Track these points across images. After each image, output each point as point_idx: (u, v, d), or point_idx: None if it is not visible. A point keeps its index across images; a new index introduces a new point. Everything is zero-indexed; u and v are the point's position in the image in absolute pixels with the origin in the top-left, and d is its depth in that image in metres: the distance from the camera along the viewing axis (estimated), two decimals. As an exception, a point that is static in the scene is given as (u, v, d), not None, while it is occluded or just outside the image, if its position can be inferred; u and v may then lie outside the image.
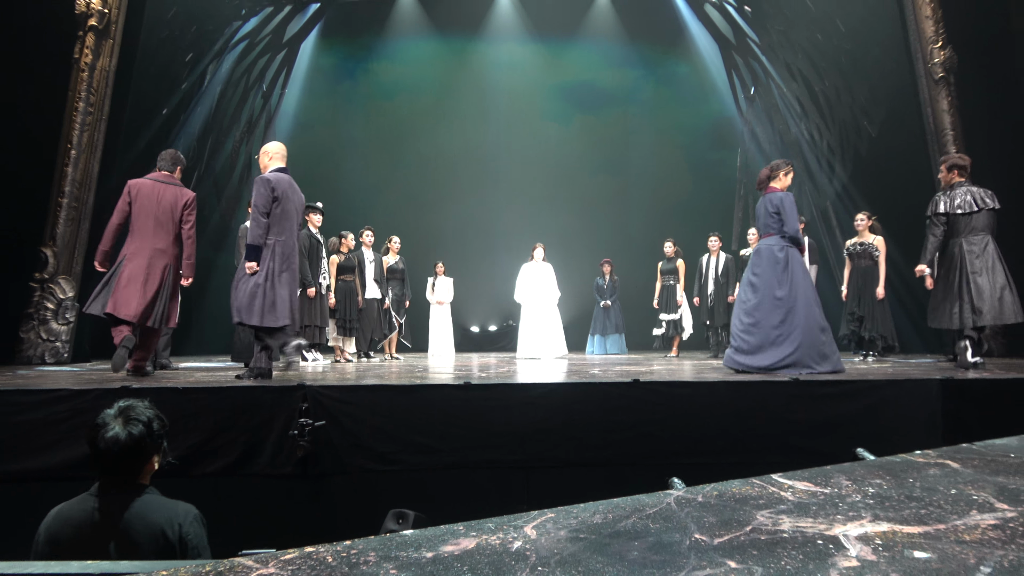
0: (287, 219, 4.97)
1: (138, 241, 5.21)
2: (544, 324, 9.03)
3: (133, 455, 2.13)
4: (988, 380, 4.40)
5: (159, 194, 5.33)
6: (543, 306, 9.13)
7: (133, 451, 2.13)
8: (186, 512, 2.12)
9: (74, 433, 3.77)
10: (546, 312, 9.12)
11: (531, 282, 9.18)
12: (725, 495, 1.40)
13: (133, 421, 2.16)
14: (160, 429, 2.23)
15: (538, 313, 9.08)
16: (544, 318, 9.06)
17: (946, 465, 1.68)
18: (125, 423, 2.15)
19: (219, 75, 11.40)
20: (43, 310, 7.95)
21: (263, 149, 5.39)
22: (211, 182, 11.45)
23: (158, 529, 2.05)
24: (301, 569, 0.99)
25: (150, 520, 2.06)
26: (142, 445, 2.14)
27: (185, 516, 2.11)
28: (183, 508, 2.14)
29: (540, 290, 9.16)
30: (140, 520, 2.05)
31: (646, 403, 4.10)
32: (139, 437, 2.14)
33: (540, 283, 9.19)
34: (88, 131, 8.25)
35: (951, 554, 1.02)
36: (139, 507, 2.08)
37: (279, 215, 4.93)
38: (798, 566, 0.97)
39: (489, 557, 1.03)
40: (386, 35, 13.60)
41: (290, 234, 4.97)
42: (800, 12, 11.24)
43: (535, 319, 9.06)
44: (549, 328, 9.07)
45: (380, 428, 3.96)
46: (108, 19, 8.32)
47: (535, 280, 9.19)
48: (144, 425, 2.16)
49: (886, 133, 10.35)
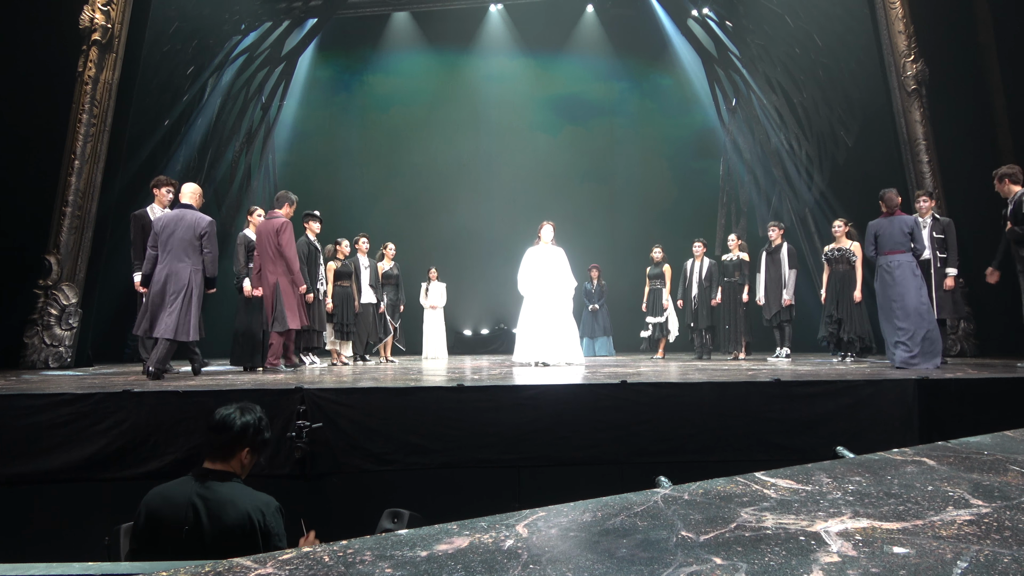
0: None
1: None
2: (555, 321, 7.32)
3: (238, 438, 2.47)
4: (962, 380, 4.51)
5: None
6: (555, 298, 7.40)
7: (240, 434, 2.48)
8: (268, 503, 2.37)
9: (77, 436, 3.78)
10: (558, 306, 7.39)
11: (539, 269, 7.48)
12: (710, 493, 1.41)
13: (248, 411, 2.55)
14: (263, 429, 2.58)
15: (548, 307, 7.34)
16: (555, 313, 7.35)
17: (923, 462, 1.71)
18: (242, 412, 2.53)
19: (219, 88, 11.59)
20: (47, 316, 8.06)
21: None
22: (211, 191, 11.60)
23: (245, 514, 2.29)
24: (299, 569, 1.00)
25: (240, 505, 2.30)
26: (246, 431, 2.50)
27: (267, 506, 2.36)
28: (266, 499, 2.39)
29: (550, 279, 7.42)
30: (231, 504, 2.30)
31: (634, 404, 4.14)
32: (246, 423, 2.50)
33: (550, 270, 7.46)
34: (91, 142, 8.39)
35: (929, 549, 1.03)
36: (230, 492, 2.34)
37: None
38: (781, 562, 0.99)
39: (482, 555, 1.04)
40: (381, 49, 13.87)
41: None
42: (779, 27, 11.51)
43: (543, 315, 7.33)
44: (561, 326, 7.34)
45: (376, 429, 3.99)
46: (111, 34, 8.49)
47: (544, 266, 7.48)
48: (255, 419, 2.55)
49: (862, 143, 10.60)
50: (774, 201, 12.59)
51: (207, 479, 2.36)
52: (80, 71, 8.39)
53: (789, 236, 9.34)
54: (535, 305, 7.38)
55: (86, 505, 3.83)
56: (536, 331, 7.27)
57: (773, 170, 12.50)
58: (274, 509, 2.37)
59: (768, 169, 12.66)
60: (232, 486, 2.36)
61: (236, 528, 2.26)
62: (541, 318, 7.30)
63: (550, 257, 7.50)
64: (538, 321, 7.30)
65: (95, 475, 3.78)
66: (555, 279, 7.41)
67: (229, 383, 4.80)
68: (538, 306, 7.35)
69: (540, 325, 7.27)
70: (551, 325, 7.25)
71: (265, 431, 2.58)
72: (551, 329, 7.23)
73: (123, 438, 3.83)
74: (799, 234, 11.70)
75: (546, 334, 7.22)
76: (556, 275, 7.43)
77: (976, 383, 4.48)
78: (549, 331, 7.23)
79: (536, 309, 7.36)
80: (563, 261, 7.52)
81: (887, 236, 5.89)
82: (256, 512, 2.30)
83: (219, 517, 2.26)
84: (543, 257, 7.50)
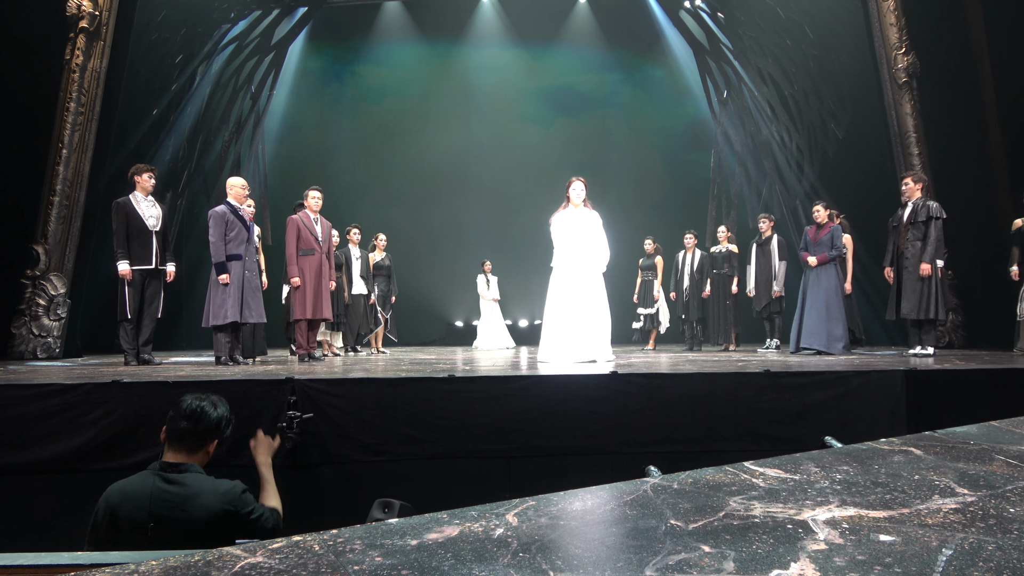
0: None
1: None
2: (585, 306, 5.81)
3: (212, 431, 2.42)
4: (949, 371, 4.57)
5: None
6: (587, 277, 5.90)
7: (214, 427, 2.42)
8: (231, 489, 2.33)
9: (66, 427, 3.76)
10: (590, 287, 5.90)
11: (569, 238, 5.96)
12: (699, 482, 1.42)
13: (219, 403, 2.49)
14: (228, 421, 2.52)
15: (578, 288, 5.85)
16: (586, 297, 5.85)
17: (910, 452, 1.72)
18: (214, 405, 2.46)
19: (208, 76, 11.51)
20: (35, 306, 8.03)
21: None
22: (201, 181, 11.58)
23: (213, 506, 2.25)
24: (289, 557, 0.99)
25: (205, 497, 2.26)
26: (220, 424, 2.45)
27: (232, 491, 2.32)
28: (229, 485, 2.34)
29: (581, 250, 5.90)
30: (196, 498, 2.25)
31: (624, 394, 4.15)
32: (221, 416, 2.46)
33: (582, 239, 5.93)
34: (79, 131, 8.34)
35: (915, 537, 1.04)
36: (193, 485, 2.28)
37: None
38: (769, 550, 0.99)
39: (472, 544, 1.04)
40: (372, 39, 13.78)
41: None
42: (771, 19, 11.56)
43: (572, 298, 5.82)
44: (592, 313, 5.83)
45: (366, 420, 3.99)
46: (99, 21, 8.42)
47: (574, 235, 5.95)
48: (227, 411, 2.50)
49: (852, 135, 10.69)
50: (764, 193, 12.64)
51: (168, 472, 2.29)
52: (67, 59, 8.32)
53: (779, 228, 9.39)
54: (564, 286, 5.91)
55: (76, 496, 3.73)
56: (565, 321, 5.80)
57: (764, 162, 12.56)
58: (239, 492, 2.34)
59: (759, 161, 12.71)
60: (195, 478, 2.30)
61: (203, 521, 2.22)
62: (570, 303, 5.84)
63: (583, 223, 5.98)
64: (566, 307, 5.84)
65: (85, 466, 3.75)
66: (586, 251, 5.91)
67: (219, 374, 4.77)
68: (567, 287, 5.89)
69: (569, 313, 5.81)
70: (581, 312, 5.79)
71: (229, 423, 2.54)
72: (582, 317, 5.78)
73: (112, 428, 3.80)
74: (789, 226, 11.76)
75: (577, 324, 5.76)
76: (588, 246, 5.92)
77: (964, 374, 4.52)
78: (580, 320, 5.77)
79: (565, 291, 5.89)
80: (598, 228, 6.02)
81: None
82: (225, 503, 2.28)
83: (186, 512, 2.21)
84: (574, 223, 5.97)
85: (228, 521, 2.26)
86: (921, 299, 6.46)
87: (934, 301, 6.42)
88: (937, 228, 6.44)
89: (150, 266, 6.00)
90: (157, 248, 6.05)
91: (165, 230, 6.21)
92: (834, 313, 7.00)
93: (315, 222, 6.84)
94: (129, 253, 5.91)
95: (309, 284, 6.68)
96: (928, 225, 6.45)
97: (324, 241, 6.87)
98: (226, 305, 5.95)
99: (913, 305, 6.49)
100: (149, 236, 6.01)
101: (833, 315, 6.99)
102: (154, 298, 6.09)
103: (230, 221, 6.08)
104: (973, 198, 8.74)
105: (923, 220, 6.48)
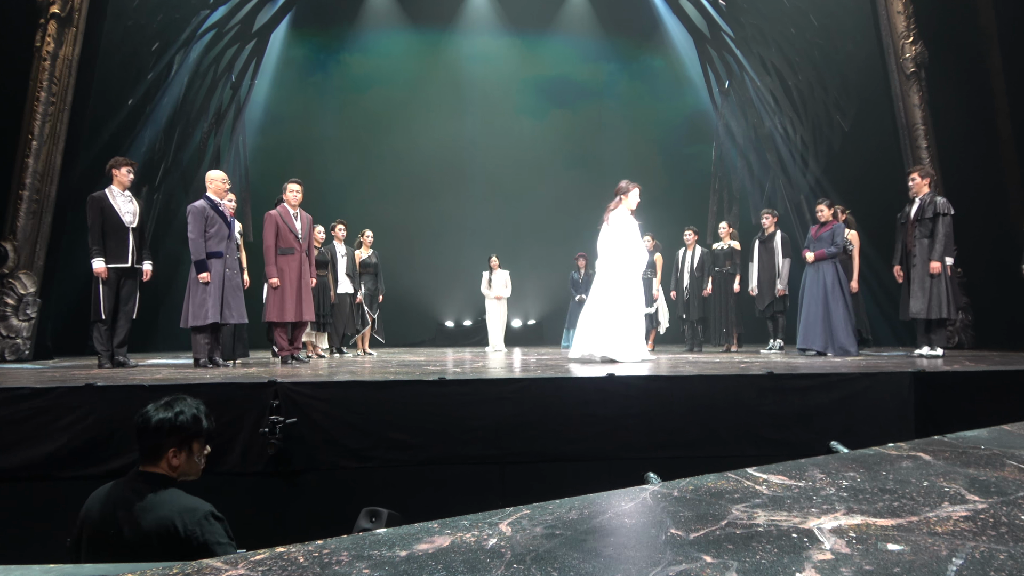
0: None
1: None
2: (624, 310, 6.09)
3: (155, 436, 2.29)
4: (959, 372, 4.46)
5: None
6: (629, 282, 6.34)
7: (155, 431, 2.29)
8: (192, 509, 2.19)
9: (36, 433, 3.67)
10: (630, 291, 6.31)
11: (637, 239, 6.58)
12: (700, 489, 1.40)
13: (172, 405, 2.36)
14: (188, 424, 2.34)
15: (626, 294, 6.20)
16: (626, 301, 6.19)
17: (918, 457, 1.70)
18: (166, 408, 2.34)
19: (186, 65, 11.22)
20: (3, 306, 7.82)
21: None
22: (179, 175, 11.30)
23: (164, 520, 2.15)
24: (272, 570, 0.98)
25: (160, 511, 2.17)
26: (161, 429, 2.29)
27: (192, 512, 2.18)
28: (193, 504, 2.22)
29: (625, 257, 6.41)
30: (151, 510, 2.17)
31: (622, 397, 4.08)
32: (162, 420, 2.30)
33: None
34: (50, 122, 8.13)
35: (924, 546, 1.03)
36: (155, 498, 2.20)
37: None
38: (773, 560, 0.98)
39: (464, 555, 1.02)
40: (358, 27, 13.53)
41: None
42: (774, 7, 11.38)
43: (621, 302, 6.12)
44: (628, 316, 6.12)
45: (353, 424, 3.91)
46: (71, 6, 8.19)
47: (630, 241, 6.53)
48: (174, 413, 2.33)
49: (858, 127, 10.51)
50: (767, 187, 12.51)
51: (136, 482, 2.25)
52: (38, 46, 8.08)
53: (783, 224, 9.29)
54: (638, 287, 6.29)
55: (48, 505, 3.69)
56: (638, 321, 6.16)
57: (767, 155, 12.43)
58: (201, 516, 2.19)
59: (761, 154, 12.56)
60: (168, 492, 2.24)
61: (153, 535, 2.14)
62: (640, 304, 6.27)
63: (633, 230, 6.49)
64: (639, 307, 6.23)
65: (57, 473, 3.69)
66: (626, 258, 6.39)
67: (198, 376, 4.70)
68: (638, 289, 6.30)
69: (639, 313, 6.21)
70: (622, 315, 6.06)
71: (191, 425, 2.34)
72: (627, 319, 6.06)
73: (86, 434, 3.73)
74: (793, 222, 11.61)
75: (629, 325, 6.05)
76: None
77: (973, 375, 4.44)
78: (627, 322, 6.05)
79: (638, 292, 6.29)
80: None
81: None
82: (178, 519, 2.15)
83: (137, 523, 2.16)
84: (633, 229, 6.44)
85: (178, 540, 2.13)
86: (931, 298, 6.31)
87: (944, 300, 6.28)
88: (945, 225, 6.29)
89: (126, 264, 5.85)
90: (134, 245, 5.91)
91: (142, 227, 6.08)
92: (835, 314, 6.71)
93: (295, 217, 6.59)
94: (104, 250, 5.77)
95: (290, 285, 6.46)
96: (936, 222, 6.33)
97: (304, 238, 6.61)
98: (206, 305, 5.75)
99: (922, 304, 6.35)
100: (125, 233, 5.87)
101: (834, 317, 6.71)
102: (130, 298, 5.96)
103: (210, 217, 5.89)
104: (982, 193, 8.54)
105: (930, 217, 6.36)
